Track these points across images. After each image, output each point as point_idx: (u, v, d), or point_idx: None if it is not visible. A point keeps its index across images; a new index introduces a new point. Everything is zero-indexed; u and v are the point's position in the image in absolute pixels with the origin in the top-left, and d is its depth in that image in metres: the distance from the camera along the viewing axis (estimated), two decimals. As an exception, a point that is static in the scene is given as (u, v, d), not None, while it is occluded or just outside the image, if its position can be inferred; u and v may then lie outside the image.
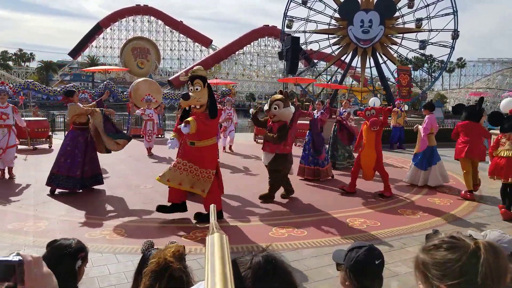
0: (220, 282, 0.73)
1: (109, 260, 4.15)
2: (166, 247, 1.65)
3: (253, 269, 0.88)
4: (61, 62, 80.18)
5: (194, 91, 5.22)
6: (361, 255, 1.81)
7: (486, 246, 1.01)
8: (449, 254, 1.03)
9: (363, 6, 29.45)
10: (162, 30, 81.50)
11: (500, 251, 1.03)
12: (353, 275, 1.80)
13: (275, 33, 65.81)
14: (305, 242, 4.82)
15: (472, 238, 1.08)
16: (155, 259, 1.57)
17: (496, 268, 0.99)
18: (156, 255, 1.61)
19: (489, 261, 0.98)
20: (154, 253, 1.66)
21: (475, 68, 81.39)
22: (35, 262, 0.85)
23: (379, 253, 1.87)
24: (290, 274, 0.94)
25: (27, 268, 0.82)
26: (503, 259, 1.02)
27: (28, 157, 10.34)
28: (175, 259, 1.56)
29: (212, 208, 1.15)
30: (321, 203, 6.77)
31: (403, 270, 4.08)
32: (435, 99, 59.77)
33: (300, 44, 24.73)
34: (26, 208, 5.92)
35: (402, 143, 14.92)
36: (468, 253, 1.01)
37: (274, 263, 0.91)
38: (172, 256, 1.57)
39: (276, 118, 6.55)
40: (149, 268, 1.57)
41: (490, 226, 5.65)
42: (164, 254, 1.58)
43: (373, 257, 1.83)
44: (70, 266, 1.79)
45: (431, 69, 59.96)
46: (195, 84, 5.22)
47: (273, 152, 6.50)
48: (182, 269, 1.56)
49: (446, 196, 7.51)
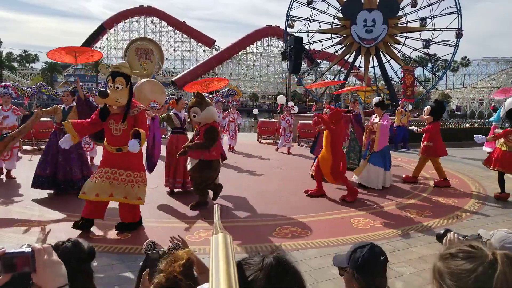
0: (224, 282, 0.73)
1: (112, 260, 4.16)
2: (176, 258, 1.59)
3: (265, 271, 0.89)
4: (65, 63, 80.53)
5: (113, 89, 4.68)
6: (366, 254, 1.80)
7: (504, 258, 0.96)
8: (465, 264, 0.98)
9: (366, 6, 29.40)
10: (165, 30, 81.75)
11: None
12: (361, 275, 1.78)
13: (278, 33, 65.90)
14: (309, 242, 4.81)
15: (490, 248, 1.03)
16: (165, 274, 1.53)
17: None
18: (165, 267, 1.55)
19: (506, 274, 0.93)
20: (163, 265, 1.60)
21: (479, 67, 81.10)
22: (45, 251, 0.93)
23: (380, 250, 1.86)
24: (300, 274, 0.94)
25: (38, 256, 0.91)
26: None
27: (33, 157, 10.39)
28: (184, 275, 1.52)
29: (215, 208, 1.15)
30: (325, 203, 6.76)
31: (408, 270, 4.07)
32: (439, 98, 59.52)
33: (303, 44, 24.73)
34: (31, 209, 5.95)
35: (406, 143, 14.94)
36: (484, 264, 0.96)
37: (285, 264, 0.92)
38: (182, 272, 1.52)
39: (202, 123, 6.04)
40: (158, 280, 1.53)
41: (495, 225, 5.61)
42: (174, 269, 1.53)
43: (378, 254, 1.82)
44: (87, 268, 1.84)
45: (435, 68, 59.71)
46: (116, 82, 4.68)
47: (197, 158, 5.94)
48: (192, 285, 1.52)
49: (450, 195, 7.48)
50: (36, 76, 72.08)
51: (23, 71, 77.46)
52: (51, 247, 0.95)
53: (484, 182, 8.74)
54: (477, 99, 66.06)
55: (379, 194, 7.38)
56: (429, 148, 8.16)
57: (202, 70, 68.62)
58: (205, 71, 69.42)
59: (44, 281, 0.91)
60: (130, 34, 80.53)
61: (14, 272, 0.90)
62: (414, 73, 26.53)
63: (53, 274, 0.93)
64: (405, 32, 30.85)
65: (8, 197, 6.57)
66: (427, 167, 8.48)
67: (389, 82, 32.00)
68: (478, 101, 65.97)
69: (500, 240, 1.81)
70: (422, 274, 3.98)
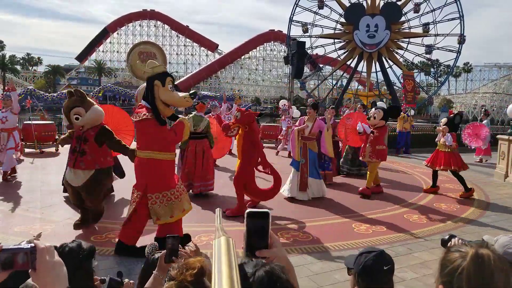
0: (227, 286, 0.73)
1: (114, 263, 4.16)
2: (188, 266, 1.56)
3: (255, 286, 0.86)
4: (68, 66, 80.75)
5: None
6: (369, 260, 1.80)
7: (474, 255, 1.11)
8: (449, 256, 1.17)
9: (368, 11, 29.47)
10: (168, 34, 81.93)
11: (488, 264, 1.09)
12: (361, 280, 1.79)
13: (280, 37, 65.96)
14: (310, 247, 4.80)
15: (479, 246, 1.16)
16: (176, 282, 1.51)
17: (478, 278, 1.08)
18: (177, 275, 1.53)
19: (469, 270, 1.09)
20: (174, 272, 1.57)
21: (481, 73, 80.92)
22: (48, 250, 0.90)
23: (389, 259, 1.84)
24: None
25: (40, 255, 0.87)
26: (489, 272, 1.08)
27: (35, 160, 10.41)
28: (195, 285, 1.50)
29: (217, 212, 1.15)
30: (326, 208, 6.74)
31: (409, 275, 4.05)
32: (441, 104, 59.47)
33: (306, 49, 24.76)
34: (33, 211, 5.96)
35: (408, 148, 14.89)
36: (459, 258, 1.13)
37: (277, 281, 0.87)
38: (193, 282, 1.50)
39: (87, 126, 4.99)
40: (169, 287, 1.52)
41: (497, 231, 5.59)
42: (185, 277, 1.52)
43: (382, 263, 1.80)
44: (87, 267, 1.86)
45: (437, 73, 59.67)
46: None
47: (92, 168, 4.89)
48: None
49: (452, 201, 7.46)
50: (39, 79, 72.30)
51: (26, 74, 77.73)
52: (53, 248, 0.92)
53: (486, 188, 8.72)
54: (479, 104, 65.90)
55: (380, 200, 7.36)
56: (383, 151, 7.79)
57: (205, 74, 68.71)
58: (207, 75, 69.51)
59: (43, 282, 0.88)
60: (133, 37, 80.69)
61: (12, 269, 0.85)
62: (415, 78, 26.58)
63: (54, 276, 0.89)
64: (408, 37, 30.89)
65: (10, 199, 6.58)
66: (431, 173, 8.41)
67: (392, 87, 31.97)
68: (480, 107, 65.82)
69: (503, 245, 1.81)
70: (424, 279, 3.96)
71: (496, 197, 7.73)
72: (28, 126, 11.87)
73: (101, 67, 71.65)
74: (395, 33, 29.70)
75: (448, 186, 8.62)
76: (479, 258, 1.10)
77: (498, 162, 10.06)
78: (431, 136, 17.05)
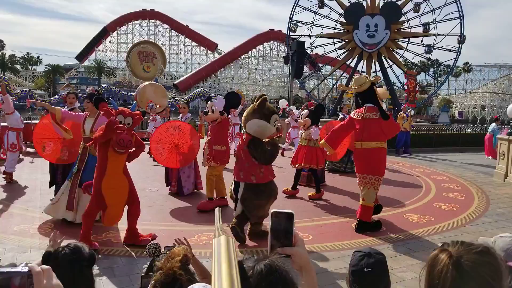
0: (226, 284, 0.73)
1: (114, 263, 4.16)
2: (173, 254, 1.59)
3: (255, 279, 0.85)
4: (67, 66, 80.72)
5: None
6: (353, 261, 1.80)
7: (452, 259, 1.08)
8: (433, 255, 1.17)
9: (368, 11, 29.44)
10: (168, 34, 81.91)
11: (466, 269, 1.06)
12: (352, 279, 1.79)
13: (280, 37, 65.95)
14: (311, 247, 4.79)
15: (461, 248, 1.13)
16: (163, 270, 1.52)
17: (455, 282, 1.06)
18: (163, 265, 1.55)
19: (443, 272, 1.08)
20: (160, 263, 1.59)
21: (481, 73, 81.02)
22: (45, 273, 0.85)
23: (374, 261, 1.79)
24: (293, 284, 0.89)
25: (37, 279, 0.82)
26: (468, 277, 1.05)
27: (34, 159, 10.41)
28: (183, 270, 1.51)
29: (217, 211, 1.15)
30: (328, 207, 6.75)
31: (409, 275, 4.05)
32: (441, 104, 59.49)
33: (306, 48, 24.75)
34: (33, 211, 5.96)
35: (408, 148, 14.91)
36: (437, 259, 1.13)
37: (278, 273, 0.87)
38: (181, 267, 1.51)
39: None
40: (156, 278, 1.53)
41: (496, 231, 5.59)
42: (172, 265, 1.53)
43: (364, 265, 1.77)
44: (88, 274, 1.76)
45: (437, 73, 59.70)
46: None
47: None
48: (191, 279, 1.52)
49: (452, 201, 7.46)
50: (38, 78, 72.27)
51: (25, 73, 77.72)
52: (51, 270, 0.87)
53: (485, 188, 8.72)
54: (479, 104, 65.97)
55: (381, 200, 7.35)
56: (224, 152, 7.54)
57: (205, 73, 68.67)
58: (207, 74, 69.45)
59: None
60: (133, 37, 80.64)
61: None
62: (416, 78, 26.59)
63: None
64: (408, 37, 30.83)
65: (9, 199, 6.58)
66: (431, 173, 8.44)
67: (391, 87, 31.95)
68: (480, 107, 65.88)
69: (504, 248, 1.76)
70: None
71: (496, 197, 7.73)
72: (28, 126, 11.85)
73: (100, 67, 71.67)
74: (395, 33, 29.65)
75: (448, 186, 8.62)
76: (458, 263, 1.08)
77: (498, 162, 10.07)
78: (431, 136, 17.09)
